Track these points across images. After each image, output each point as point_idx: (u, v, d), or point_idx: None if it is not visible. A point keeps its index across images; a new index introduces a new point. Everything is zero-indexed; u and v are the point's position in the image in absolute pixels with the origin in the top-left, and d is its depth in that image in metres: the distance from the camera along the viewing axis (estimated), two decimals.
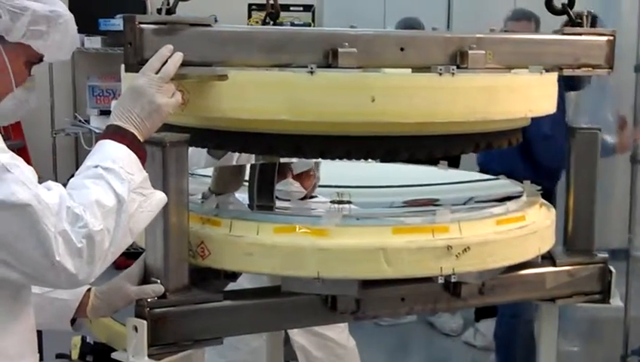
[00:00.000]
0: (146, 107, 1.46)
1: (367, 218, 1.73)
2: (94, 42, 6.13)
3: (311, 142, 1.61)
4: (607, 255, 1.94)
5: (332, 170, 2.42)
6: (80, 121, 6.22)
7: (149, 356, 1.54)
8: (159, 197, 1.48)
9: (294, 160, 2.50)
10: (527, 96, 1.69)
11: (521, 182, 2.02)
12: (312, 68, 1.52)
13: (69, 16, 1.56)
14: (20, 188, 1.32)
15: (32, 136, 6.31)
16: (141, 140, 1.47)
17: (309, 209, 2.23)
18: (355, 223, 1.65)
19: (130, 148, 1.44)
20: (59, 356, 3.83)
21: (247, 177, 2.25)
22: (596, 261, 1.92)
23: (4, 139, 1.42)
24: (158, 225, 1.58)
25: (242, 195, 2.15)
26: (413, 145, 1.64)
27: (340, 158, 1.65)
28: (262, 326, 1.76)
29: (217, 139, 1.67)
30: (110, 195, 1.38)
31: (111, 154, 1.42)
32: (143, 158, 1.47)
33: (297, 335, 2.88)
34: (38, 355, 1.52)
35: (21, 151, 5.94)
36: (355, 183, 2.26)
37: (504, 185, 2.09)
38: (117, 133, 1.45)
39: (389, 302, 1.72)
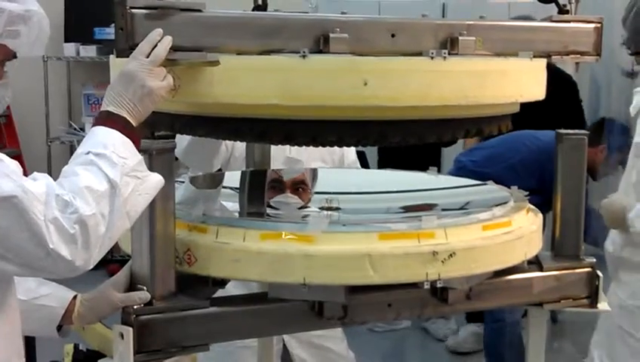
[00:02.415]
0: (137, 91, 1.46)
1: (353, 224, 1.73)
2: (89, 51, 6.14)
3: (303, 127, 1.60)
4: (594, 259, 1.95)
5: (326, 178, 2.43)
6: (75, 129, 6.23)
7: None
8: (155, 180, 1.48)
9: (284, 168, 2.51)
10: (517, 80, 1.70)
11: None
12: (304, 52, 1.52)
13: (42, 15, 1.57)
14: (3, 180, 1.32)
15: (27, 144, 6.32)
16: (134, 125, 1.47)
17: (299, 216, 2.23)
18: (341, 229, 1.66)
19: (123, 133, 1.44)
20: None
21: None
22: (584, 265, 1.93)
23: None
24: (144, 231, 1.59)
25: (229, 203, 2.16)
26: (405, 129, 1.64)
27: (332, 144, 1.64)
28: (249, 332, 1.76)
29: (208, 126, 1.66)
30: (102, 180, 1.39)
31: (102, 139, 1.43)
32: (136, 142, 1.47)
33: (297, 349, 2.86)
34: (24, 360, 1.52)
35: (16, 159, 5.92)
36: (347, 190, 2.27)
37: (492, 190, 2.09)
38: (109, 119, 1.45)
39: (377, 308, 1.72)
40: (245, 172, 2.45)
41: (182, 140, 2.70)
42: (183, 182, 2.04)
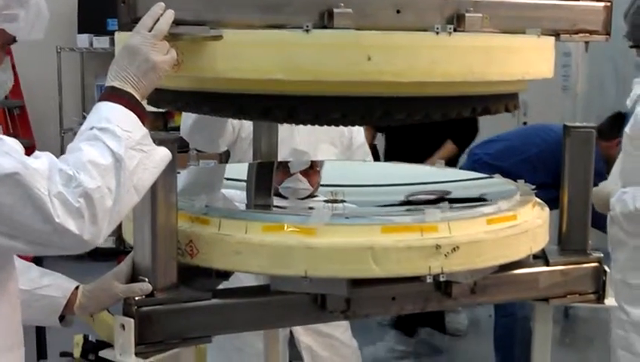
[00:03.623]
0: (142, 65, 1.46)
1: (356, 217, 1.72)
2: (102, 42, 6.16)
3: (306, 103, 1.58)
4: (601, 254, 1.93)
5: (332, 170, 2.41)
6: None
7: (137, 354, 1.54)
8: (162, 154, 1.48)
9: (291, 159, 2.50)
10: (524, 58, 1.67)
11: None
12: (307, 26, 1.50)
13: None
14: (4, 158, 1.31)
15: (41, 135, 6.35)
16: (139, 99, 1.46)
17: (305, 208, 2.22)
18: (343, 222, 1.64)
19: (127, 107, 1.44)
20: (63, 354, 3.85)
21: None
22: (591, 260, 1.91)
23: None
24: (146, 223, 1.58)
25: (237, 191, 2.16)
26: (410, 106, 1.61)
27: (336, 122, 1.62)
28: (251, 324, 1.76)
29: (211, 102, 1.65)
30: (106, 154, 1.38)
31: (106, 114, 1.42)
32: (142, 116, 1.46)
33: (303, 336, 2.88)
34: (24, 348, 1.52)
35: (29, 149, 5.96)
36: (353, 182, 2.26)
37: (498, 183, 2.08)
38: (113, 94, 1.45)
39: (380, 301, 1.72)
40: (252, 164, 2.44)
41: (187, 119, 2.71)
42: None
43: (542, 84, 4.99)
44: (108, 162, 1.37)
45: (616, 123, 4.00)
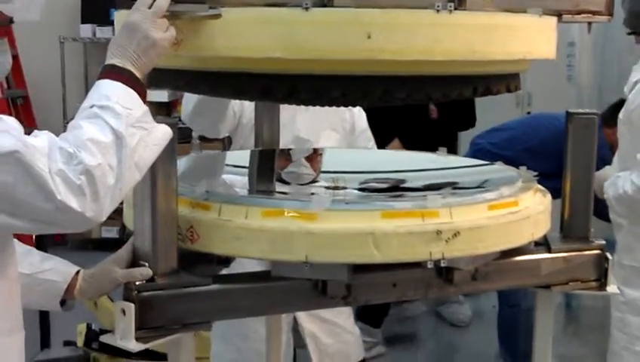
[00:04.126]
0: (141, 43, 1.45)
1: (356, 202, 1.71)
2: (106, 32, 6.17)
3: (306, 82, 1.57)
4: (604, 241, 1.92)
5: (334, 157, 2.41)
6: None
7: (137, 339, 1.53)
8: (163, 131, 1.47)
9: (293, 147, 2.50)
10: (525, 37, 1.65)
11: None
12: (307, 4, 1.49)
13: None
14: (3, 137, 1.31)
15: (44, 125, 6.31)
16: (139, 77, 1.46)
17: (307, 194, 2.22)
18: (344, 207, 1.64)
19: (128, 85, 1.43)
20: (66, 343, 3.87)
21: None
22: (593, 247, 1.90)
23: None
24: (146, 208, 1.58)
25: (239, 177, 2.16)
26: (411, 85, 1.60)
27: (336, 101, 1.61)
28: (251, 310, 1.75)
29: (210, 81, 1.64)
30: (106, 131, 1.38)
31: (106, 92, 1.42)
32: (142, 94, 1.45)
33: (307, 322, 2.88)
34: (24, 332, 1.52)
35: None
36: (354, 169, 2.25)
37: (500, 170, 2.07)
38: (112, 72, 1.44)
39: (381, 288, 1.71)
40: (254, 151, 2.44)
41: (188, 103, 2.71)
42: None
43: (546, 74, 5.01)
44: (109, 139, 1.37)
45: (618, 109, 3.99)
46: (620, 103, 4.04)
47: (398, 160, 2.29)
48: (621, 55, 4.66)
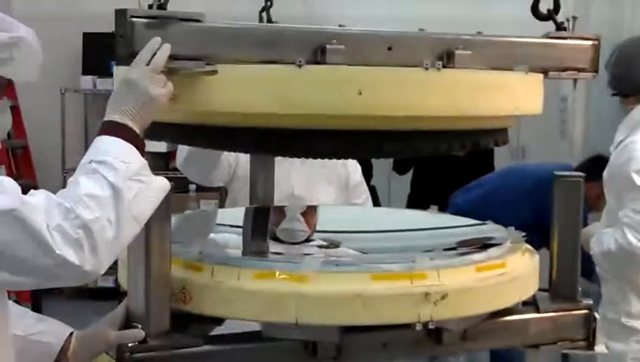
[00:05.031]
0: (140, 99, 1.49)
1: (346, 264, 1.74)
2: (106, 83, 6.23)
3: (299, 137, 1.62)
4: (591, 301, 1.94)
5: (328, 215, 2.44)
6: None
7: None
8: (160, 183, 1.50)
9: (287, 205, 2.53)
10: (513, 93, 1.70)
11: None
12: (300, 61, 1.54)
13: (31, 38, 1.59)
14: (1, 196, 1.34)
15: (44, 175, 6.39)
16: (137, 131, 1.49)
17: (300, 254, 2.24)
18: (334, 269, 1.67)
19: (126, 140, 1.47)
20: None
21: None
22: (580, 307, 1.92)
23: (15, 179, 1.45)
24: (140, 271, 1.61)
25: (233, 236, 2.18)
26: (400, 141, 1.65)
27: (328, 155, 1.66)
28: None
29: (206, 135, 1.68)
30: (104, 186, 1.41)
31: (105, 147, 1.46)
32: (140, 148, 1.49)
33: None
34: None
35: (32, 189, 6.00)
36: (350, 228, 2.28)
37: (491, 230, 2.10)
38: (111, 128, 1.48)
39: (371, 348, 1.73)
40: (249, 208, 2.47)
41: (181, 152, 2.78)
42: None
43: (540, 128, 5.06)
44: (106, 194, 1.40)
45: (594, 164, 4.07)
46: (597, 158, 4.13)
47: (392, 219, 2.32)
48: (613, 110, 4.74)
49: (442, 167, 4.76)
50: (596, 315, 1.93)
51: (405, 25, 1.76)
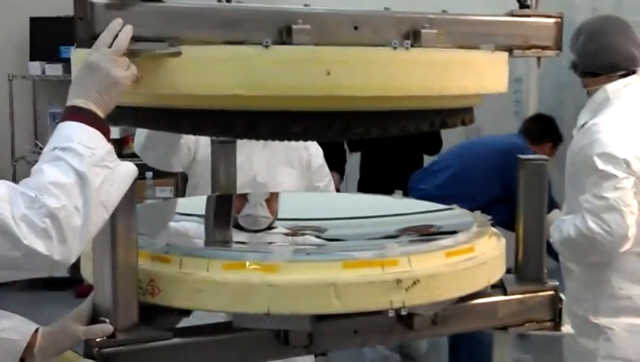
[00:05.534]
0: (103, 82, 1.45)
1: (317, 253, 1.73)
2: (55, 69, 6.10)
3: (266, 119, 1.59)
4: (557, 283, 1.97)
5: (293, 202, 2.42)
6: (41, 148, 6.13)
7: None
8: (127, 168, 1.47)
9: (250, 192, 2.51)
10: (479, 72, 1.70)
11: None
12: (266, 42, 1.51)
13: None
14: None
15: None
16: (102, 116, 1.46)
17: (265, 243, 2.22)
18: (305, 258, 1.66)
19: (91, 125, 1.43)
20: None
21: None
22: (547, 288, 1.95)
23: None
24: (106, 263, 1.58)
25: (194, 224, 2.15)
26: (369, 120, 1.63)
27: (297, 136, 1.63)
28: None
29: (170, 118, 1.64)
30: (69, 173, 1.37)
31: (68, 133, 1.42)
32: (106, 133, 1.45)
33: None
34: None
35: None
36: (312, 215, 2.27)
37: (457, 215, 2.11)
38: (75, 113, 1.44)
39: (342, 335, 1.72)
40: (211, 196, 2.44)
41: (140, 136, 2.71)
42: None
43: (494, 109, 5.12)
44: (71, 181, 1.37)
45: (543, 125, 4.17)
46: (538, 118, 4.27)
47: (356, 205, 2.31)
48: (570, 92, 4.81)
49: (390, 148, 4.78)
50: (562, 296, 1.96)
51: (371, 4, 1.75)
